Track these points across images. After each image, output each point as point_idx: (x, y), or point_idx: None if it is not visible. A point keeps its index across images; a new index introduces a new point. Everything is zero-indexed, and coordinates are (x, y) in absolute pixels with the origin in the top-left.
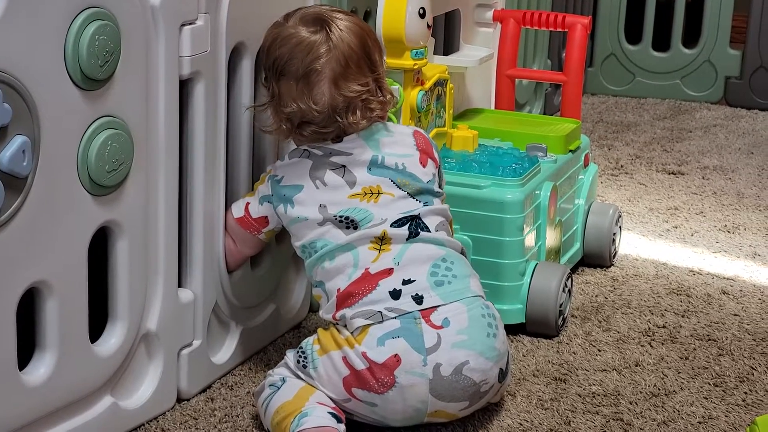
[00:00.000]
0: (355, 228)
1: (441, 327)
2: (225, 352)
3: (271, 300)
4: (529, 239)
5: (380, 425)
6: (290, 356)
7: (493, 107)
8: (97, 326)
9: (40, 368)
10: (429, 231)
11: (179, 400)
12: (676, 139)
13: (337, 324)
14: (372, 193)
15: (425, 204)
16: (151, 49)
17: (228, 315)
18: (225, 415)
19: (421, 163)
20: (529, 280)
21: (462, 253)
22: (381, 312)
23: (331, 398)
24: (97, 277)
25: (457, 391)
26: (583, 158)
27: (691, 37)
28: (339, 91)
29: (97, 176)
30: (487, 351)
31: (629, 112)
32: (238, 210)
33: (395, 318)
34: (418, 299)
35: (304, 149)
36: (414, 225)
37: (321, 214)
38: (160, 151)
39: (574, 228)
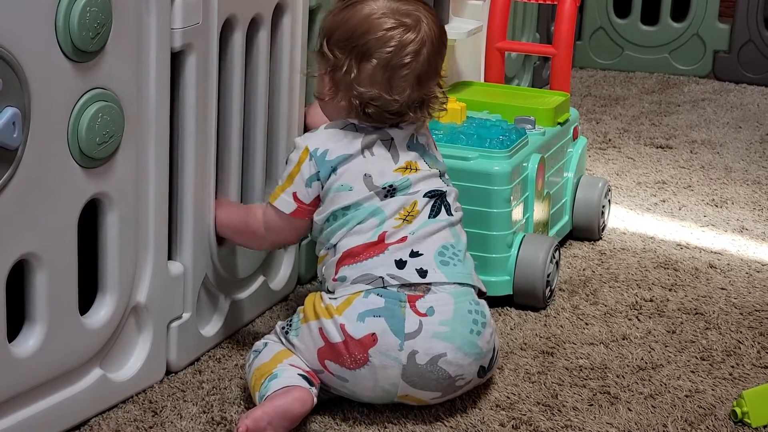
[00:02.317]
0: (392, 195)
1: (425, 315)
2: (214, 324)
3: (259, 273)
4: (517, 211)
5: (352, 399)
6: (279, 323)
7: (482, 80)
8: (86, 298)
9: (30, 340)
10: (450, 213)
11: (168, 372)
12: (665, 113)
13: (331, 286)
14: (412, 168)
15: (447, 185)
16: (143, 22)
17: (217, 288)
18: (213, 388)
19: (434, 147)
20: (516, 252)
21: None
22: (383, 278)
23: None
24: (87, 250)
25: (429, 381)
26: (572, 131)
27: (679, 11)
28: (419, 88)
29: (87, 148)
30: (467, 346)
31: (617, 85)
32: (286, 205)
33: (380, 296)
34: (422, 273)
35: (350, 123)
36: (439, 202)
37: (366, 186)
38: (151, 123)
39: (563, 201)
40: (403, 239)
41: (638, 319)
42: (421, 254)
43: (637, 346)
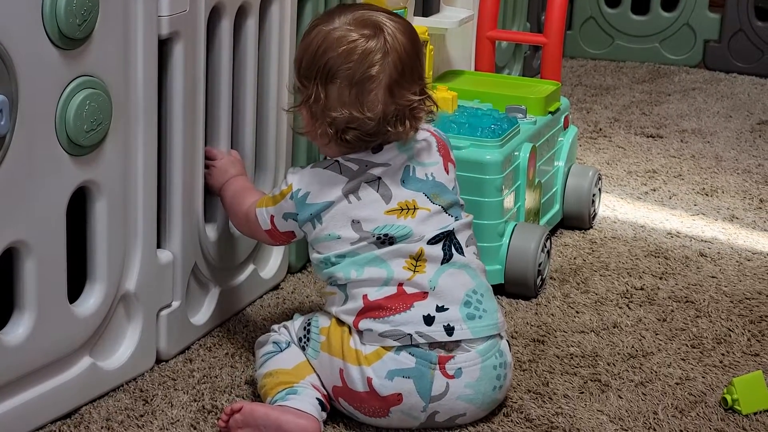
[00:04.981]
0: (391, 243)
1: (452, 377)
2: (204, 313)
3: (250, 261)
4: (508, 200)
5: None
6: (296, 325)
7: (473, 69)
8: (76, 287)
9: (19, 328)
10: (462, 252)
11: (158, 360)
12: (655, 103)
13: (355, 330)
14: (408, 209)
15: (456, 218)
16: (130, 8)
17: (207, 276)
18: (203, 376)
19: (445, 170)
20: (508, 241)
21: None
22: (411, 335)
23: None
24: (76, 238)
25: (440, 430)
26: (562, 120)
27: (670, 1)
28: (393, 99)
29: (75, 136)
30: (487, 403)
31: (608, 75)
32: (264, 222)
33: (412, 354)
34: (449, 330)
35: (335, 161)
36: (448, 244)
37: (355, 232)
38: (139, 111)
39: (554, 190)
40: (425, 295)
41: (629, 308)
42: (447, 308)
43: (628, 334)
